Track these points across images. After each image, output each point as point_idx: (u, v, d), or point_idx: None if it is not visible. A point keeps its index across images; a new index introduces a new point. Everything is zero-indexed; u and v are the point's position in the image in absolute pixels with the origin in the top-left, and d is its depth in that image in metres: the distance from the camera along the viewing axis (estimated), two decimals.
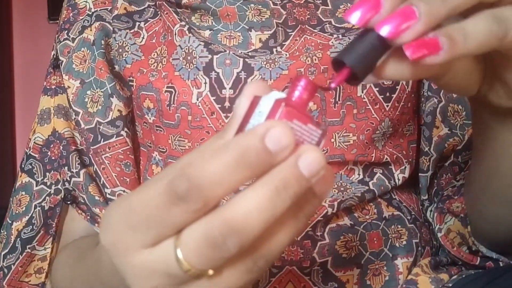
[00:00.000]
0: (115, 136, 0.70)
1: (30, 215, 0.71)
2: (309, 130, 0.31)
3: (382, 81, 0.63)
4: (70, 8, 0.75)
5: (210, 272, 0.30)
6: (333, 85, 0.33)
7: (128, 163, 0.70)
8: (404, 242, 0.65)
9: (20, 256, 0.70)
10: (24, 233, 0.70)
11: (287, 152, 0.30)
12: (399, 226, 0.65)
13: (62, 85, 0.73)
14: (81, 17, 0.73)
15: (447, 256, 0.68)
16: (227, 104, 0.63)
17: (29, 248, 0.70)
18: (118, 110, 0.70)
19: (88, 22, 0.72)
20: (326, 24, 0.67)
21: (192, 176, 0.29)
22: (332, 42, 0.65)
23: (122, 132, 0.70)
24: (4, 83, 2.07)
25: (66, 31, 0.74)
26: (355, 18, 0.33)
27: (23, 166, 0.73)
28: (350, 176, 0.66)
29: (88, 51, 0.71)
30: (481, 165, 0.55)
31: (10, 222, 0.71)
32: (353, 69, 0.33)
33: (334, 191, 0.64)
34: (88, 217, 0.69)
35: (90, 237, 0.69)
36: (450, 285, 0.61)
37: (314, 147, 0.31)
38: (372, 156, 0.66)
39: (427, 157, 0.70)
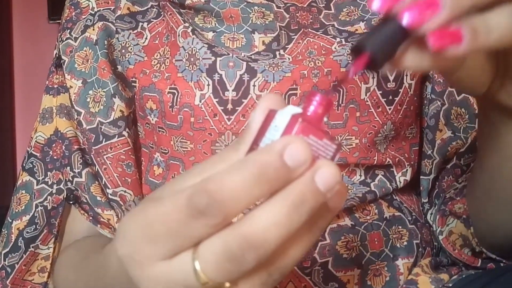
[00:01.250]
0: (117, 136, 0.70)
1: (31, 214, 0.70)
2: (324, 145, 0.31)
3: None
4: (72, 7, 0.74)
5: (227, 284, 0.31)
6: (352, 70, 0.33)
7: (130, 164, 0.70)
8: (405, 243, 0.65)
9: (23, 255, 0.70)
10: (27, 232, 0.70)
11: (304, 168, 0.30)
12: (400, 227, 0.65)
13: (65, 84, 0.72)
14: (83, 16, 0.73)
15: (448, 257, 0.67)
16: (229, 106, 0.63)
17: (32, 247, 0.70)
18: (120, 111, 0.70)
19: (90, 22, 0.72)
20: (329, 27, 0.67)
21: (212, 192, 0.29)
22: (335, 48, 0.64)
23: (124, 133, 0.70)
24: (4, 83, 2.06)
25: (68, 30, 0.73)
26: (376, 5, 0.33)
27: (24, 165, 0.73)
28: (352, 177, 0.66)
29: (91, 50, 0.71)
30: (485, 167, 0.55)
31: (10, 220, 0.71)
32: (373, 55, 0.32)
33: None
34: (91, 218, 0.69)
35: (92, 237, 0.69)
36: (450, 285, 0.61)
37: (330, 162, 0.31)
38: (375, 159, 0.65)
39: (430, 160, 0.70)
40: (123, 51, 0.69)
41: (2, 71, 2.06)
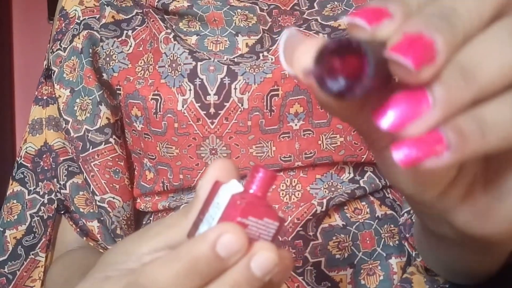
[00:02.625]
0: (103, 143, 0.70)
1: (28, 224, 0.72)
2: (265, 224, 0.31)
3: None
4: (62, 19, 0.76)
5: None
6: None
7: (117, 170, 0.71)
8: (397, 242, 0.65)
9: (24, 262, 0.71)
10: (26, 240, 0.72)
11: (238, 256, 0.30)
12: (392, 225, 0.65)
13: (53, 95, 0.74)
14: (71, 26, 0.74)
15: None
16: (212, 110, 0.63)
17: (32, 254, 0.72)
18: (107, 118, 0.71)
19: (77, 31, 0.73)
20: (312, 22, 0.67)
21: (144, 286, 0.30)
22: None
23: (111, 139, 0.71)
24: (4, 83, 2.05)
25: (59, 42, 0.75)
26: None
27: (14, 174, 0.75)
28: (341, 175, 0.66)
29: (77, 59, 0.72)
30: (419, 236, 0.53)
31: (1, 229, 0.73)
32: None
33: (325, 191, 0.64)
34: (78, 229, 0.70)
35: (81, 252, 0.70)
36: (447, 285, 0.59)
37: (267, 245, 0.31)
38: (363, 157, 0.65)
39: None
40: (108, 59, 0.70)
41: (2, 71, 2.05)
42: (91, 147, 0.70)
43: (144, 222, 0.74)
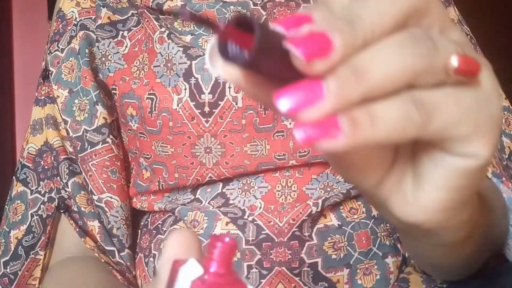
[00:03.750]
0: (100, 143, 0.71)
1: (28, 223, 0.73)
2: None
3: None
4: (59, 20, 0.77)
5: None
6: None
7: (115, 170, 0.72)
8: (394, 241, 0.65)
9: (25, 262, 0.72)
10: (26, 241, 0.72)
11: None
12: (388, 225, 0.66)
13: (51, 95, 0.74)
14: (69, 28, 0.75)
15: None
16: (206, 108, 0.63)
17: (32, 254, 0.72)
18: (103, 118, 0.71)
19: (74, 32, 0.74)
20: None
21: None
22: None
23: (108, 139, 0.71)
24: (4, 83, 2.05)
25: (56, 43, 0.76)
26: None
27: (18, 175, 0.75)
28: (337, 175, 0.66)
29: (75, 60, 0.73)
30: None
31: (7, 230, 0.73)
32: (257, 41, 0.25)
33: (321, 191, 0.64)
34: (77, 229, 0.71)
35: (71, 269, 0.69)
36: (444, 286, 0.59)
37: None
38: None
39: None
40: (103, 59, 0.71)
41: (2, 71, 2.05)
42: (89, 147, 0.71)
43: (142, 223, 0.74)
